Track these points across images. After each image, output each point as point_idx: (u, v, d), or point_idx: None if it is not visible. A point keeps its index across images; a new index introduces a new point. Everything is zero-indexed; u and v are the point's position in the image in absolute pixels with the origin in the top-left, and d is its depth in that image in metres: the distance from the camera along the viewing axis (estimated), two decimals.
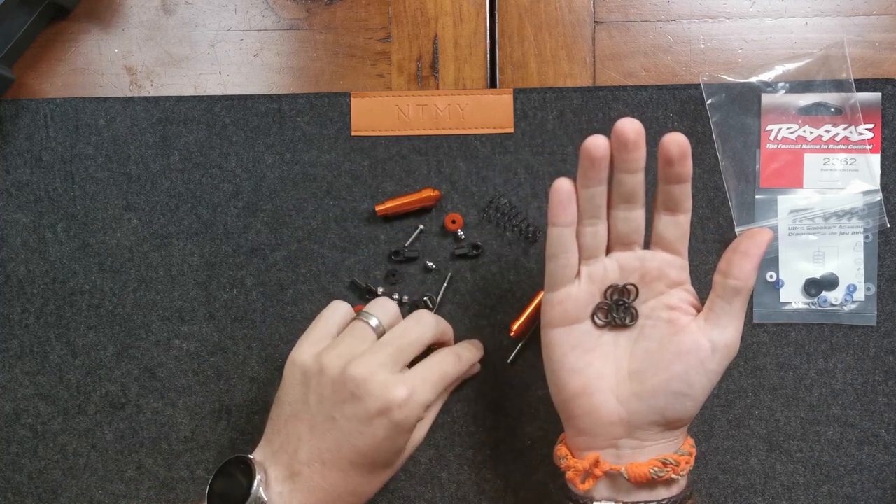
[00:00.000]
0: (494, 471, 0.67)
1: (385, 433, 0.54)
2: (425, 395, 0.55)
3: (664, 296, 0.55)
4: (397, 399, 0.53)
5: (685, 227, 0.55)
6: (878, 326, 0.66)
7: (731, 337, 0.53)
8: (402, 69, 0.68)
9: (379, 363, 0.55)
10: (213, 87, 0.68)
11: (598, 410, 0.54)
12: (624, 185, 0.53)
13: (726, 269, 0.53)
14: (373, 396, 0.53)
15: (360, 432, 0.54)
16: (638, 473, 0.53)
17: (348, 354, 0.55)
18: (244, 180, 0.68)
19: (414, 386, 0.54)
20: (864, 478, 0.66)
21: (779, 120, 0.66)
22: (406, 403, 0.53)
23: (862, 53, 0.66)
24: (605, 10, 0.68)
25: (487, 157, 0.67)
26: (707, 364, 0.53)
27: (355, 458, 0.54)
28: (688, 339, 0.53)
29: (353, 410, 0.54)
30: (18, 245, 0.68)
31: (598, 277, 0.55)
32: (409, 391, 0.54)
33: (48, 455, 0.68)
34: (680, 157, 0.52)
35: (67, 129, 0.68)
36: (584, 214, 0.54)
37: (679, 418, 0.54)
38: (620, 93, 0.66)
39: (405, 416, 0.54)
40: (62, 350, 0.68)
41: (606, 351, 0.56)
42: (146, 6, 0.69)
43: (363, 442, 0.54)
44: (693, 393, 0.53)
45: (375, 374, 0.54)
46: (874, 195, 0.65)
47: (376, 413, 0.53)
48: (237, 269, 0.67)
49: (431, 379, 0.56)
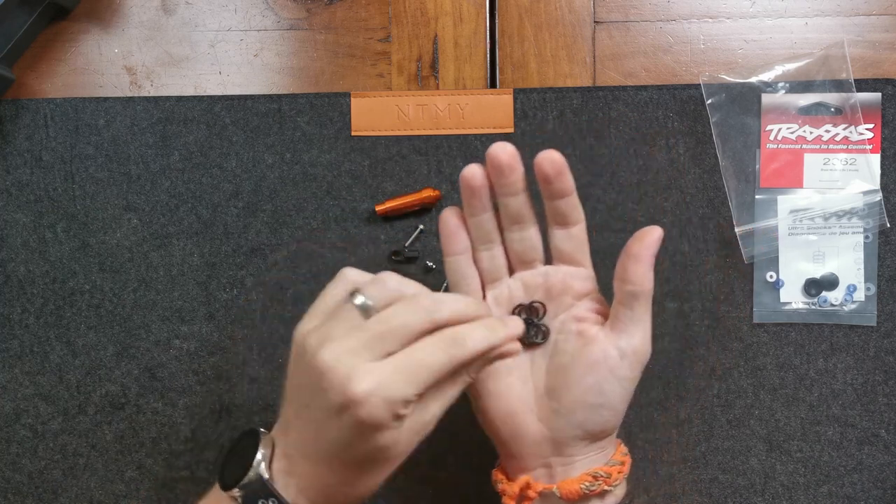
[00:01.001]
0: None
1: (351, 432, 0.47)
2: (396, 389, 0.46)
3: (572, 308, 0.55)
4: (357, 394, 0.46)
5: (581, 237, 0.55)
6: (878, 326, 0.66)
7: (638, 342, 0.53)
8: (402, 69, 0.68)
9: (348, 350, 0.47)
10: (213, 87, 0.68)
11: (522, 432, 0.54)
12: (509, 208, 0.54)
13: (622, 274, 0.53)
14: (334, 390, 0.46)
15: (329, 426, 0.48)
16: (569, 490, 0.53)
17: (324, 337, 0.48)
18: (244, 180, 0.68)
19: (382, 378, 0.46)
20: (864, 478, 0.66)
21: (779, 120, 0.66)
22: (369, 399, 0.46)
23: (862, 53, 0.66)
24: (605, 10, 0.68)
25: None
26: (618, 372, 0.52)
27: (334, 452, 0.49)
28: (596, 350, 0.53)
29: (320, 402, 0.48)
30: (18, 245, 0.68)
31: (503, 299, 0.56)
32: (374, 384, 0.46)
33: (48, 455, 0.68)
34: (556, 175, 0.53)
35: (67, 129, 0.68)
36: (477, 241, 0.55)
37: (601, 430, 0.53)
38: (620, 93, 0.66)
39: (369, 413, 0.46)
40: (62, 350, 0.68)
41: (523, 371, 0.55)
42: (146, 6, 0.69)
43: (334, 437, 0.48)
44: (608, 402, 0.53)
45: (340, 363, 0.47)
46: (874, 195, 0.65)
47: (338, 408, 0.47)
48: (237, 269, 0.67)
49: (406, 370, 0.47)
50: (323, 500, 0.51)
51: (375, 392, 0.46)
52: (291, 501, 0.50)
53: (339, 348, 0.47)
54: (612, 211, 0.66)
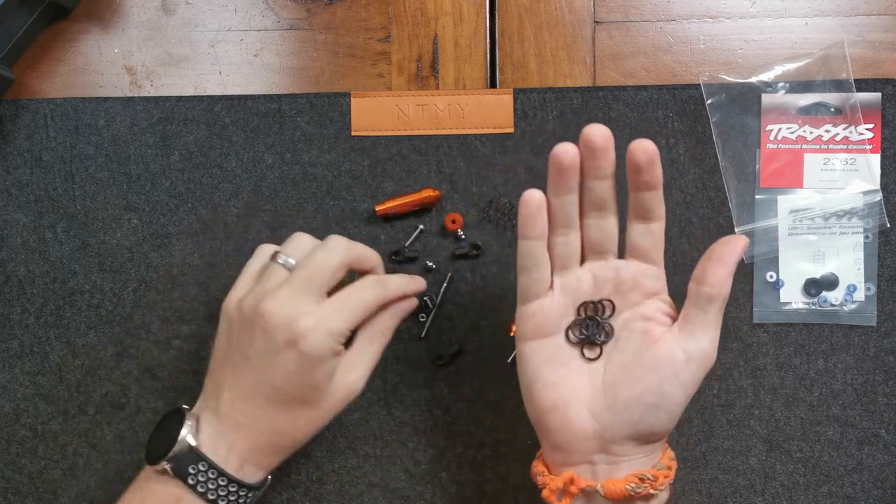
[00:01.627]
0: (494, 471, 0.67)
1: (294, 365, 0.54)
2: (335, 322, 0.54)
3: (639, 306, 0.54)
4: (300, 328, 0.53)
5: (659, 235, 0.54)
6: (878, 326, 0.66)
7: (706, 346, 0.52)
8: (402, 69, 0.68)
9: (286, 296, 0.54)
10: (213, 87, 0.68)
11: (571, 425, 0.53)
12: (594, 192, 0.53)
13: (701, 276, 0.52)
14: (279, 329, 0.53)
15: (270, 366, 0.54)
16: (614, 490, 0.52)
17: (261, 294, 0.55)
18: (244, 180, 0.68)
19: (322, 315, 0.54)
20: (864, 478, 0.66)
21: (779, 120, 0.66)
22: (311, 332, 0.53)
23: (862, 53, 0.66)
24: (605, 10, 0.68)
25: (487, 157, 0.67)
26: (681, 375, 0.52)
27: (270, 393, 0.54)
28: (662, 350, 0.52)
29: (264, 345, 0.54)
30: (18, 245, 0.68)
31: (571, 289, 0.55)
32: (316, 320, 0.54)
33: (48, 455, 0.68)
34: (648, 164, 0.52)
35: (67, 129, 0.68)
36: (555, 224, 0.54)
37: (654, 431, 0.53)
38: (620, 93, 0.66)
39: (311, 345, 0.53)
40: (62, 350, 0.68)
41: (581, 364, 0.55)
42: (146, 6, 0.69)
43: (273, 375, 0.54)
44: (667, 405, 0.52)
45: (282, 307, 0.54)
46: (874, 195, 0.65)
47: (284, 345, 0.53)
48: (237, 269, 0.67)
49: (343, 307, 0.55)
50: (254, 454, 0.56)
51: (317, 326, 0.54)
52: (222, 461, 0.55)
53: (277, 296, 0.54)
54: None
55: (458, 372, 0.67)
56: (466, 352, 0.67)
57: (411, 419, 0.67)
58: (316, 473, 0.67)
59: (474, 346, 0.67)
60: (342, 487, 0.67)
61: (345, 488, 0.67)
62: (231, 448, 0.55)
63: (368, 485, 0.67)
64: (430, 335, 0.67)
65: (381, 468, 0.67)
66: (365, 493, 0.67)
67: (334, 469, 0.67)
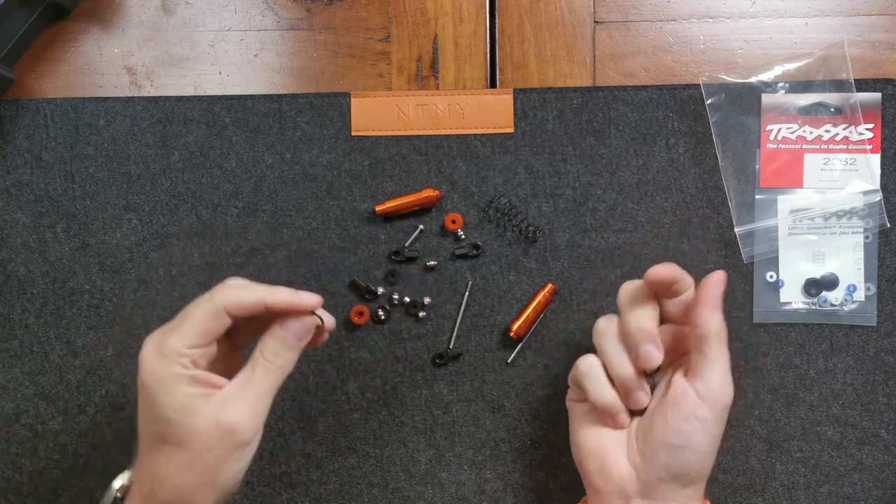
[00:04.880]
0: (494, 471, 0.67)
1: (142, 397, 0.51)
2: (168, 341, 0.50)
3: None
4: (143, 352, 0.51)
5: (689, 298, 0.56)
6: (878, 326, 0.66)
7: (715, 383, 0.53)
8: (402, 69, 0.68)
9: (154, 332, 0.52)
10: (213, 87, 0.68)
11: (609, 467, 0.55)
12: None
13: (689, 319, 0.54)
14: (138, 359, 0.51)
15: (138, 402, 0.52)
16: None
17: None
18: (244, 180, 0.68)
19: (154, 337, 0.51)
20: (864, 478, 0.66)
21: (779, 120, 0.66)
22: (145, 357, 0.51)
23: (862, 53, 0.66)
24: (605, 10, 0.68)
25: (487, 157, 0.67)
26: (697, 413, 0.53)
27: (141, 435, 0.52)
28: (677, 392, 0.54)
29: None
30: (18, 245, 0.68)
31: None
32: (149, 344, 0.51)
33: (48, 455, 0.68)
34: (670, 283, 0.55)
35: (67, 129, 0.68)
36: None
37: (685, 472, 0.54)
38: (620, 93, 0.66)
39: (145, 370, 0.50)
40: (62, 350, 0.68)
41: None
42: (146, 6, 0.69)
43: (137, 414, 0.52)
44: (690, 444, 0.53)
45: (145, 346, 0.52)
46: (874, 195, 0.65)
47: (138, 373, 0.51)
48: (237, 269, 0.67)
49: (177, 323, 0.51)
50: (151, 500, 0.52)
51: (149, 349, 0.51)
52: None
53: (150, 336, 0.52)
54: (612, 211, 0.66)
55: (458, 372, 0.67)
56: (466, 352, 0.67)
57: (411, 419, 0.67)
58: (316, 473, 0.67)
59: (474, 346, 0.67)
60: (342, 487, 0.67)
61: (345, 488, 0.67)
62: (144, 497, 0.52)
63: (368, 485, 0.67)
64: (430, 335, 0.67)
65: (381, 468, 0.67)
66: (365, 493, 0.67)
67: (334, 469, 0.67)
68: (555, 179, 0.67)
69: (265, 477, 0.67)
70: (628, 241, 0.66)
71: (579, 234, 0.66)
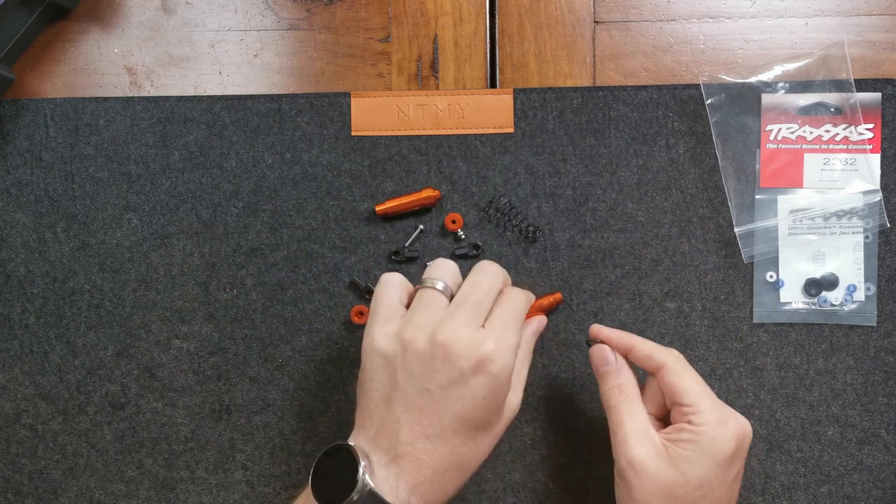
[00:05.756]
0: (494, 471, 0.67)
1: (484, 391, 0.53)
2: (511, 337, 0.55)
3: None
4: (488, 351, 0.53)
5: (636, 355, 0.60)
6: (878, 326, 0.66)
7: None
8: (402, 69, 0.68)
9: (462, 323, 0.54)
10: (213, 87, 0.68)
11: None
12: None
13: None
14: (464, 357, 0.53)
15: (458, 396, 0.53)
16: None
17: (427, 324, 0.54)
18: (244, 180, 0.68)
19: (498, 334, 0.54)
20: (864, 478, 0.66)
21: (779, 120, 0.66)
22: (497, 352, 0.53)
23: (862, 53, 0.66)
24: (605, 10, 0.68)
25: (487, 157, 0.67)
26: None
27: (458, 426, 0.53)
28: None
29: (448, 376, 0.53)
30: (18, 245, 0.68)
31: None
32: (496, 340, 0.53)
33: (48, 455, 0.68)
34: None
35: (67, 129, 0.68)
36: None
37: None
38: (620, 93, 0.66)
39: (499, 366, 0.53)
40: (62, 350, 0.68)
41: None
42: (146, 6, 0.69)
43: (462, 405, 0.53)
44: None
45: (460, 334, 0.53)
46: (874, 195, 0.65)
47: (471, 372, 0.53)
48: (237, 269, 0.67)
49: (509, 321, 0.55)
50: (433, 492, 0.54)
51: (500, 345, 0.53)
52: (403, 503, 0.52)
53: (453, 325, 0.54)
54: (612, 211, 0.66)
55: None
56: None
57: None
58: None
59: None
60: None
61: None
62: (413, 489, 0.53)
63: None
64: None
65: None
66: None
67: None
68: (555, 179, 0.67)
69: (265, 477, 0.67)
70: (628, 241, 0.66)
71: (579, 234, 0.66)
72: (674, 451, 0.54)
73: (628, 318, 0.66)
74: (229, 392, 0.67)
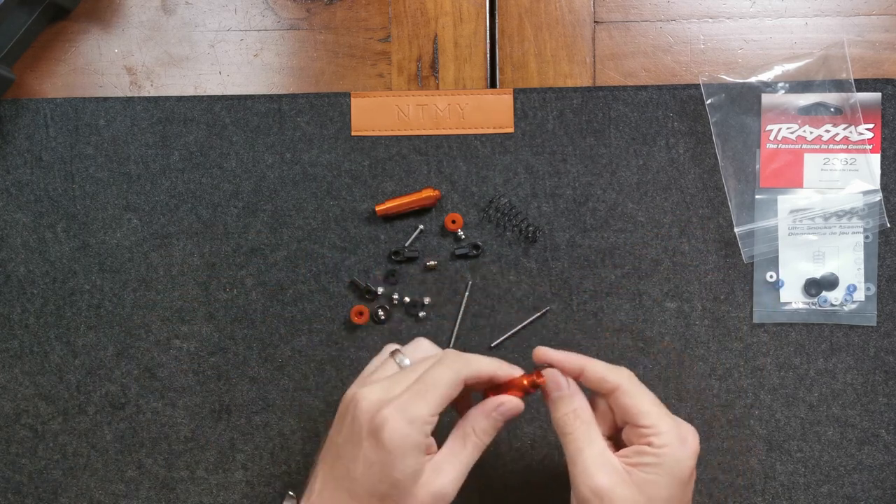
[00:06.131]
0: (494, 471, 0.67)
1: (375, 457, 0.50)
2: (416, 407, 0.51)
3: None
4: (383, 416, 0.50)
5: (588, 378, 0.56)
6: (878, 326, 0.66)
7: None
8: (402, 69, 0.68)
9: (379, 389, 0.52)
10: (213, 87, 0.68)
11: None
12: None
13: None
14: (362, 418, 0.51)
15: (354, 457, 0.51)
16: None
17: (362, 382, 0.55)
18: (244, 180, 0.68)
19: (403, 402, 0.51)
20: (864, 478, 0.66)
21: (779, 120, 0.66)
22: (392, 419, 0.50)
23: (862, 53, 0.66)
24: (605, 10, 0.68)
25: (487, 157, 0.67)
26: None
27: (350, 487, 0.52)
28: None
29: (350, 433, 0.52)
30: (18, 245, 0.68)
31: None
32: (397, 408, 0.50)
33: (48, 455, 0.68)
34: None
35: (67, 129, 0.68)
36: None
37: None
38: (620, 93, 0.66)
39: (391, 434, 0.50)
40: (62, 350, 0.68)
41: None
42: (146, 6, 0.69)
43: (355, 467, 0.51)
44: None
45: (369, 395, 0.52)
46: (874, 195, 0.65)
47: (366, 434, 0.51)
48: (237, 269, 0.67)
49: (423, 389, 0.52)
50: None
51: (397, 413, 0.50)
52: None
53: (372, 388, 0.52)
54: (612, 211, 0.66)
55: None
56: (467, 352, 0.67)
57: None
58: None
59: (474, 346, 0.67)
60: None
61: None
62: None
63: None
64: (430, 335, 0.67)
65: None
66: None
67: None
68: (555, 179, 0.67)
69: (265, 477, 0.67)
70: (628, 241, 0.66)
71: (579, 234, 0.66)
72: (637, 475, 0.52)
73: (628, 318, 0.66)
74: (229, 392, 0.67)
